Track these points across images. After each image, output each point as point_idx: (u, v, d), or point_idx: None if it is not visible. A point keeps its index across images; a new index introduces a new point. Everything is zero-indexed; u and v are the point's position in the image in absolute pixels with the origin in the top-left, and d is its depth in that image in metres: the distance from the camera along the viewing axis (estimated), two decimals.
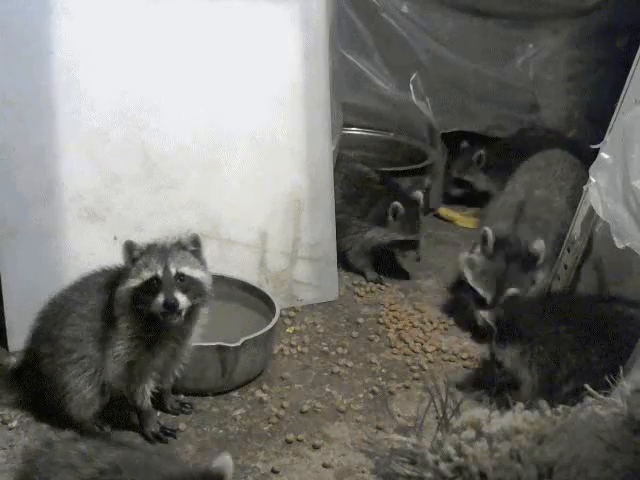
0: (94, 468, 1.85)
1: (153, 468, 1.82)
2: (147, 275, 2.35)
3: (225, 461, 1.77)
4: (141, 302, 2.36)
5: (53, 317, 2.51)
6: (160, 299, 2.31)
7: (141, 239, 2.45)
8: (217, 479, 1.74)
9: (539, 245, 3.15)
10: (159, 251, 2.39)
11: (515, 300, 2.99)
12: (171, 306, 2.31)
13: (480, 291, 3.16)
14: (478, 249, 3.29)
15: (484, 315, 2.96)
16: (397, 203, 3.55)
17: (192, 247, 2.45)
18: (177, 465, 1.92)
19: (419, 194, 3.68)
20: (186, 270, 2.38)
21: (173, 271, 2.35)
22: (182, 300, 2.33)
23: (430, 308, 3.47)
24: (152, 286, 2.34)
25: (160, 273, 2.34)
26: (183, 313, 2.36)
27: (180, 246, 2.43)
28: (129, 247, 2.40)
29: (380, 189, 3.74)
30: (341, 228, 3.58)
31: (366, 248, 3.68)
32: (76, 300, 2.50)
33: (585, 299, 2.99)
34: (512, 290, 3.12)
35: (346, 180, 3.76)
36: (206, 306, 2.51)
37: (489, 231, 3.21)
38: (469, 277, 3.21)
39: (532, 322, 2.69)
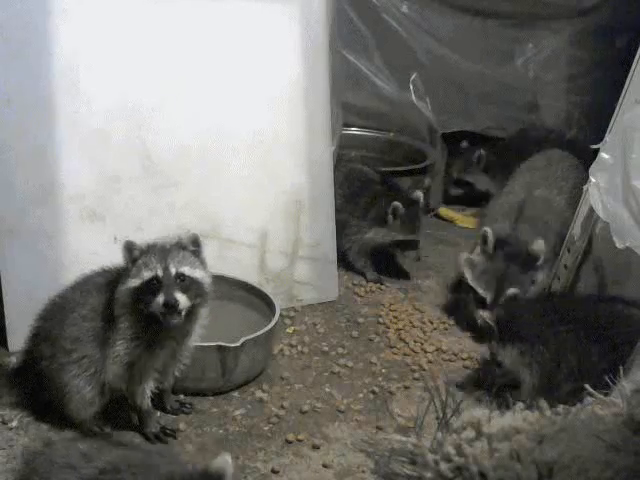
0: (94, 468, 1.84)
1: (153, 468, 1.81)
2: (147, 275, 2.35)
3: (225, 461, 1.76)
4: (141, 302, 2.35)
5: (53, 317, 2.51)
6: (160, 299, 2.31)
7: (141, 239, 2.45)
8: (216, 479, 1.74)
9: (538, 245, 3.15)
10: (159, 251, 2.39)
11: (515, 300, 3.01)
12: (171, 306, 2.31)
13: (480, 291, 3.15)
14: (478, 249, 3.29)
15: (484, 315, 2.99)
16: (397, 203, 3.55)
17: (192, 247, 2.44)
18: (176, 465, 1.92)
19: (419, 194, 3.67)
20: (186, 270, 2.37)
21: (173, 271, 2.35)
22: (182, 300, 2.33)
23: (430, 308, 3.47)
24: (152, 286, 2.34)
25: (160, 273, 2.34)
26: (183, 313, 2.35)
27: (180, 246, 2.42)
28: (129, 247, 2.39)
29: (380, 189, 3.74)
30: (341, 228, 3.58)
31: (366, 248, 3.68)
32: (76, 300, 2.49)
33: (585, 299, 3.00)
34: (512, 290, 3.11)
35: (346, 180, 3.76)
36: (206, 306, 2.51)
37: (489, 231, 3.21)
38: (469, 277, 3.20)
39: (532, 322, 2.70)
